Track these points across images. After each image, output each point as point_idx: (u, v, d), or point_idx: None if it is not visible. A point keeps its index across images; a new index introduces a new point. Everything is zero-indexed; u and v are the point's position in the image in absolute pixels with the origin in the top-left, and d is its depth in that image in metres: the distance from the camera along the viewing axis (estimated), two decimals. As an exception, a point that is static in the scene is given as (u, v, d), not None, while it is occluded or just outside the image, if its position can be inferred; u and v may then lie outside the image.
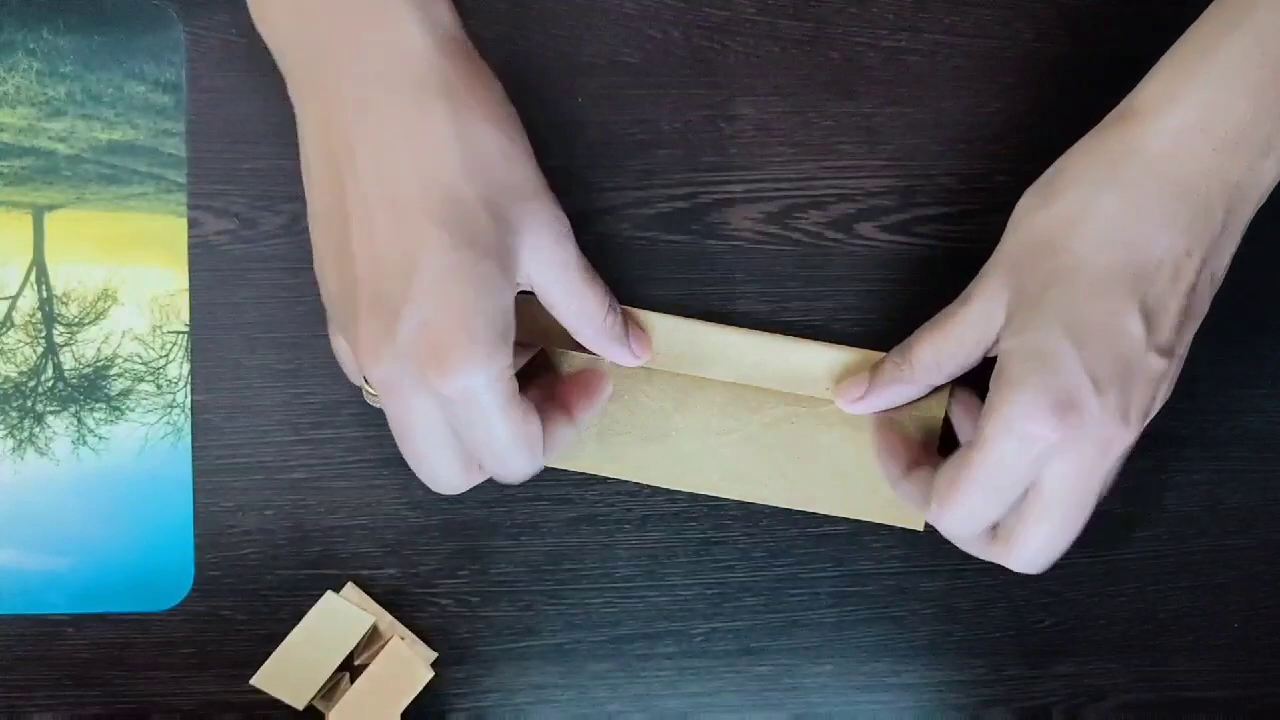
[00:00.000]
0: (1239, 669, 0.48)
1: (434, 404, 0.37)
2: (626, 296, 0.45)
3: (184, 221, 0.45)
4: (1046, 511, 0.39)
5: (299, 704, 0.44)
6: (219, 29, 0.45)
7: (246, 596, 0.45)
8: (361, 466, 0.46)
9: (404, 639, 0.45)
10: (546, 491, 0.46)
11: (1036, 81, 0.47)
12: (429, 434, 0.38)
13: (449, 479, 0.39)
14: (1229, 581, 0.48)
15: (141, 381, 0.45)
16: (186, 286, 0.45)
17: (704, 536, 0.46)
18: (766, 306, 0.46)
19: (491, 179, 0.37)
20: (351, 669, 0.45)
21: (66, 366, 0.45)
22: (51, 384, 0.45)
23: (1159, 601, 0.48)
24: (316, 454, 0.46)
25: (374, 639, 0.45)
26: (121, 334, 0.45)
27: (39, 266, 0.45)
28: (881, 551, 0.47)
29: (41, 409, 0.45)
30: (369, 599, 0.45)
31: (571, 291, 0.40)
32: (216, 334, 0.45)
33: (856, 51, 0.47)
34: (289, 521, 0.45)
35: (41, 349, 0.45)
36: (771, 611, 0.47)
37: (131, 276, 0.45)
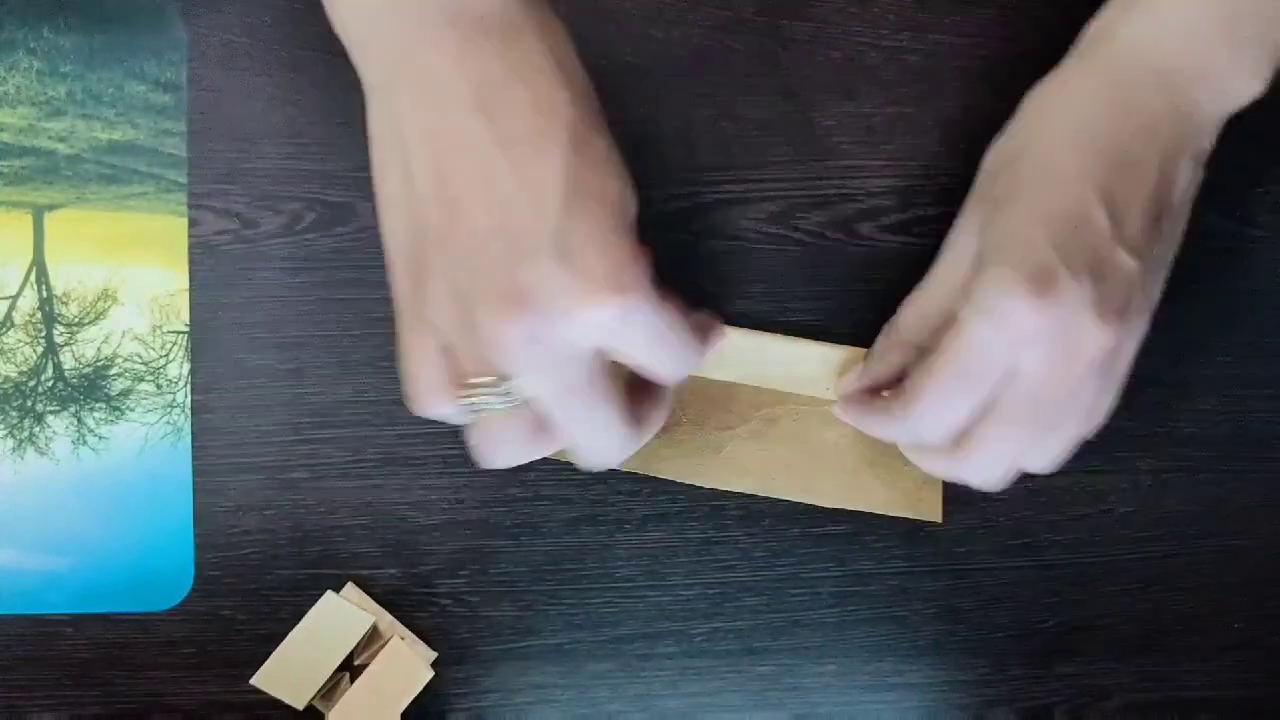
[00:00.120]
0: (1242, 669, 0.48)
1: (584, 349, 0.35)
2: (627, 296, 0.45)
3: (184, 221, 0.45)
4: (1013, 414, 0.38)
5: (299, 704, 0.44)
6: (220, 29, 0.45)
7: (246, 596, 0.45)
8: (361, 466, 0.46)
9: (404, 639, 0.45)
10: (546, 491, 0.46)
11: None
12: (586, 390, 0.36)
13: (611, 441, 0.38)
14: (1232, 582, 0.48)
15: (141, 381, 0.45)
16: (186, 286, 0.45)
17: (705, 536, 0.46)
18: (767, 306, 0.46)
19: (592, 104, 0.37)
20: (351, 669, 0.45)
21: (66, 366, 0.45)
22: (51, 384, 0.45)
23: (1162, 602, 0.47)
24: (316, 454, 0.45)
25: (374, 639, 0.45)
26: (121, 334, 0.45)
27: (39, 266, 0.45)
28: (883, 551, 0.47)
29: (41, 409, 0.45)
30: (369, 599, 0.45)
31: None
32: (216, 334, 0.45)
33: (858, 51, 0.47)
34: (289, 521, 0.45)
35: (41, 349, 0.45)
36: (773, 611, 0.46)
37: (131, 276, 0.45)
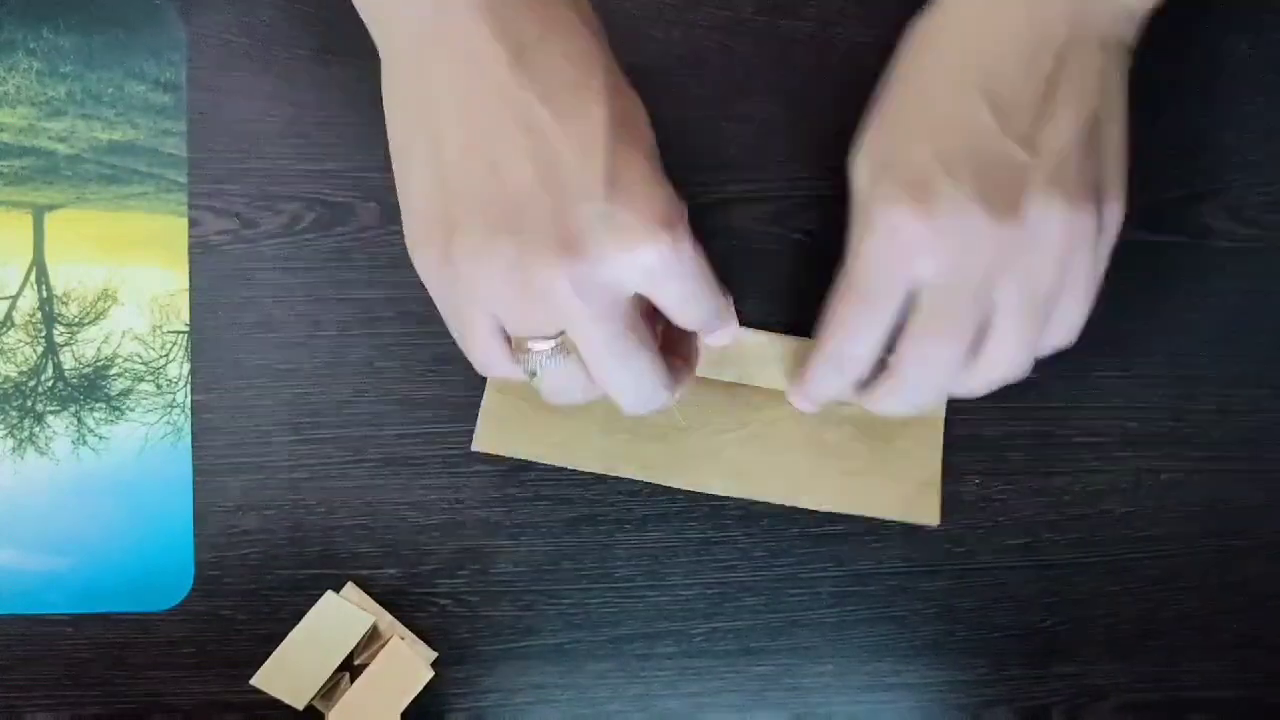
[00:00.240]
0: (1241, 669, 0.48)
1: (628, 295, 0.36)
2: (627, 296, 0.45)
3: (184, 221, 0.45)
4: (927, 326, 0.38)
5: (299, 704, 0.44)
6: (219, 29, 0.45)
7: (246, 596, 0.45)
8: (361, 466, 0.46)
9: (404, 639, 0.45)
10: (546, 491, 0.46)
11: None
12: (627, 337, 0.37)
13: (649, 385, 0.38)
14: (1231, 582, 0.48)
15: (141, 381, 0.45)
16: (186, 286, 0.45)
17: (704, 536, 0.46)
18: (767, 306, 0.46)
19: (614, 60, 0.37)
20: (351, 669, 0.45)
21: (66, 366, 0.45)
22: (51, 384, 0.45)
23: (1160, 602, 0.47)
24: (316, 454, 0.46)
25: (374, 639, 0.45)
26: (121, 334, 0.45)
27: (39, 266, 0.45)
28: (882, 551, 0.47)
29: (41, 409, 0.45)
30: (369, 599, 0.45)
31: None
32: (216, 334, 0.45)
33: (857, 51, 0.47)
34: (289, 521, 0.45)
35: (41, 349, 0.45)
36: (772, 611, 0.47)
37: (131, 276, 0.45)
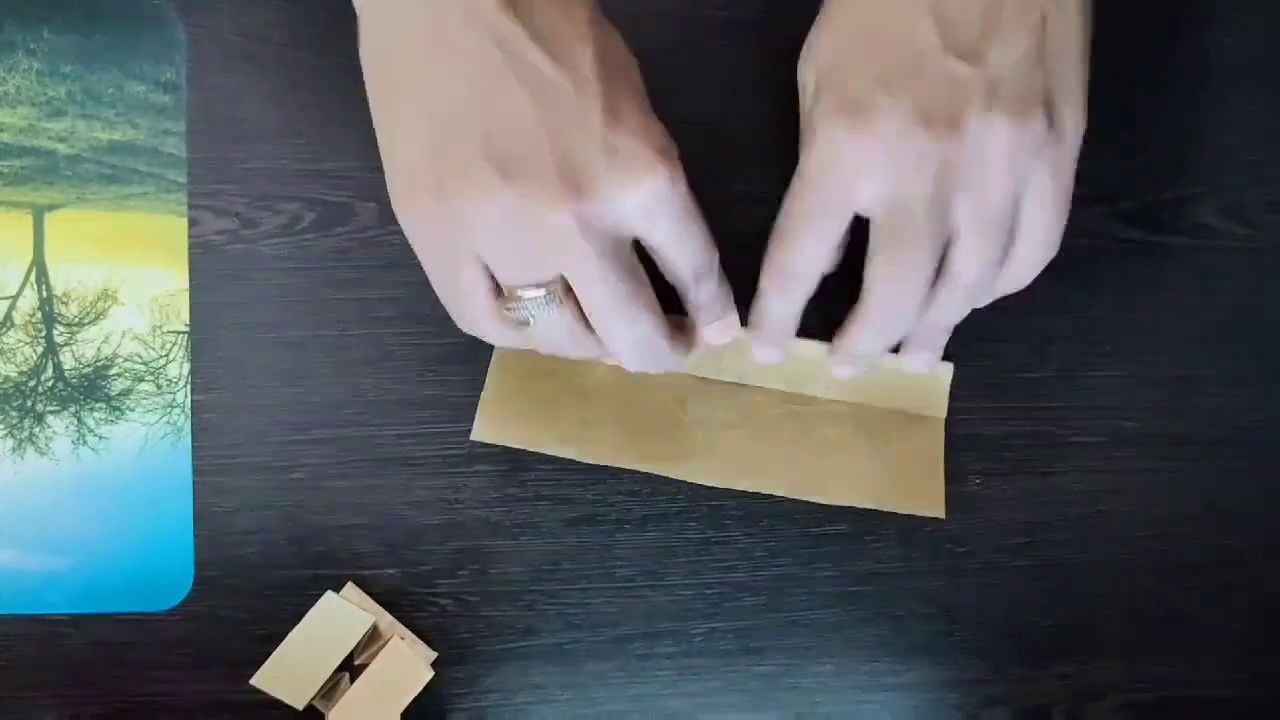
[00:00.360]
0: (1240, 669, 0.48)
1: (627, 236, 0.37)
2: (626, 296, 0.45)
3: (184, 221, 0.45)
4: (883, 241, 0.39)
5: (299, 704, 0.44)
6: (219, 29, 0.45)
7: (246, 596, 0.45)
8: (361, 466, 0.46)
9: (404, 639, 0.45)
10: (546, 491, 0.46)
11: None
12: (626, 279, 0.37)
13: (649, 333, 0.39)
14: (1229, 582, 0.48)
15: (141, 381, 0.45)
16: (186, 286, 0.45)
17: (704, 536, 0.46)
18: (766, 306, 0.46)
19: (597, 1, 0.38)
20: (351, 669, 0.45)
21: (66, 366, 0.45)
22: (51, 384, 0.45)
23: (1159, 601, 0.48)
24: (316, 454, 0.46)
25: (374, 639, 0.45)
26: (121, 334, 0.45)
27: (39, 266, 0.45)
28: (881, 551, 0.47)
29: (41, 409, 0.45)
30: (369, 599, 0.45)
31: None
32: (216, 334, 0.45)
33: (856, 51, 0.47)
34: (289, 521, 0.45)
35: (41, 349, 0.45)
36: (771, 611, 0.47)
37: (131, 276, 0.45)
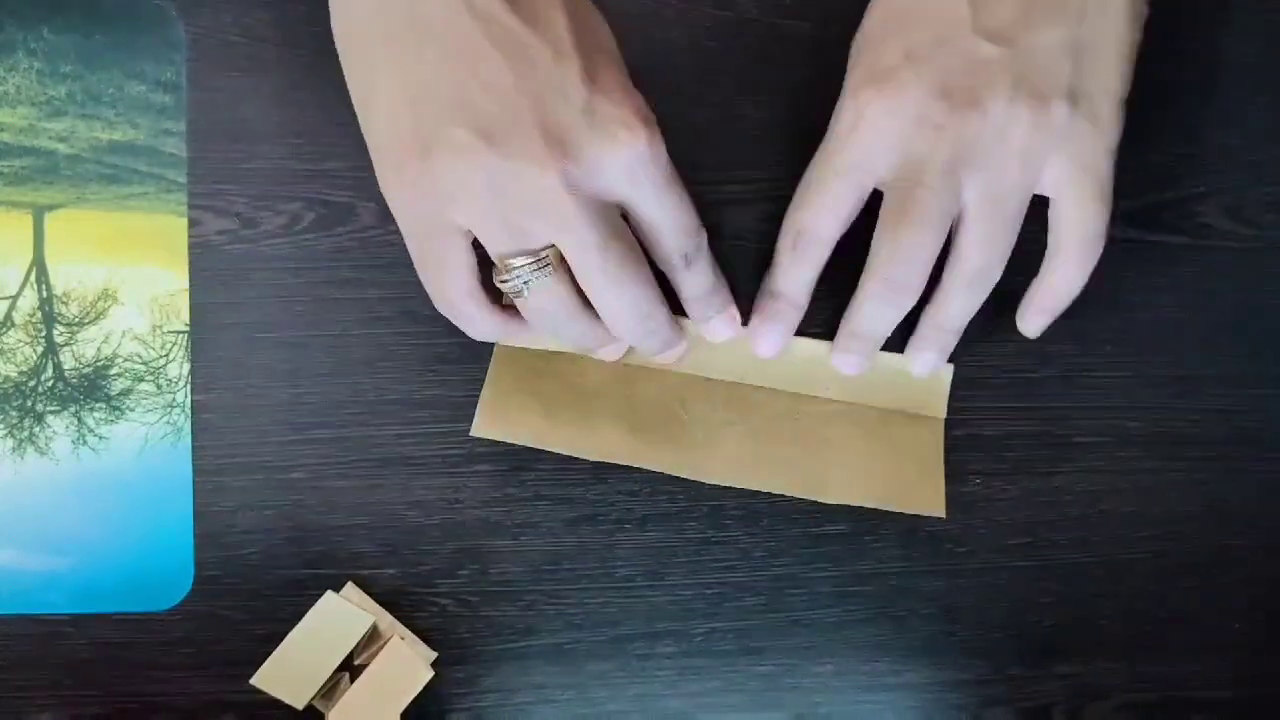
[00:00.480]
0: (1240, 669, 0.48)
1: (613, 200, 0.38)
2: (627, 296, 0.45)
3: (184, 221, 0.45)
4: (894, 208, 0.40)
5: (299, 704, 0.44)
6: (219, 29, 0.45)
7: (246, 596, 0.45)
8: (361, 466, 0.46)
9: (404, 639, 0.45)
10: (546, 491, 0.46)
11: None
12: (616, 243, 0.38)
13: (650, 302, 0.41)
14: (1230, 582, 0.48)
15: (141, 381, 0.45)
16: (186, 286, 0.45)
17: (704, 536, 0.46)
18: (767, 306, 0.46)
19: None
20: (351, 669, 0.45)
21: (66, 366, 0.45)
22: (51, 384, 0.45)
23: (1160, 602, 0.47)
24: (316, 454, 0.46)
25: (374, 639, 0.45)
26: (121, 334, 0.45)
27: (39, 266, 0.45)
28: (882, 551, 0.47)
29: (41, 409, 0.45)
30: (369, 599, 0.45)
31: None
32: (216, 334, 0.45)
33: (857, 51, 0.47)
34: (289, 521, 0.45)
35: (41, 349, 0.45)
36: (772, 611, 0.47)
37: (131, 276, 0.45)
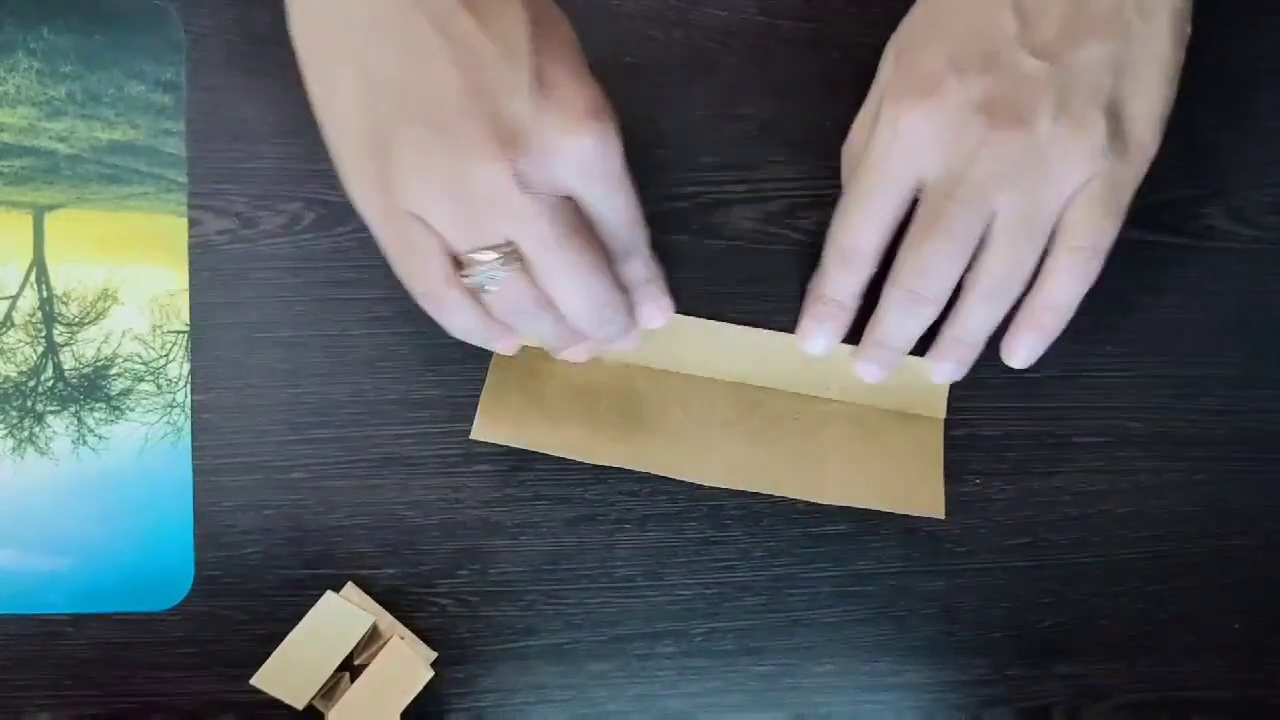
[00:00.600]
0: (1240, 669, 0.48)
1: (565, 194, 0.37)
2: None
3: (184, 221, 0.45)
4: (925, 219, 0.40)
5: (299, 704, 0.44)
6: (219, 29, 0.45)
7: (246, 596, 0.45)
8: (361, 466, 0.46)
9: (404, 639, 0.45)
10: (546, 491, 0.46)
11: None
12: (571, 238, 0.37)
13: (608, 294, 0.39)
14: (1231, 582, 0.48)
15: (141, 381, 0.45)
16: (186, 286, 0.45)
17: (704, 536, 0.46)
18: (766, 306, 0.46)
19: None
20: (351, 669, 0.45)
21: (66, 366, 0.45)
22: (51, 384, 0.45)
23: (1160, 602, 0.47)
24: (316, 454, 0.46)
25: (374, 639, 0.45)
26: (121, 334, 0.45)
27: (39, 266, 0.45)
28: (882, 551, 0.47)
29: (41, 409, 0.45)
30: (369, 599, 0.45)
31: None
32: (216, 334, 0.45)
33: (857, 51, 0.47)
34: (289, 521, 0.45)
35: (41, 349, 0.45)
36: (772, 611, 0.47)
37: (131, 276, 0.45)
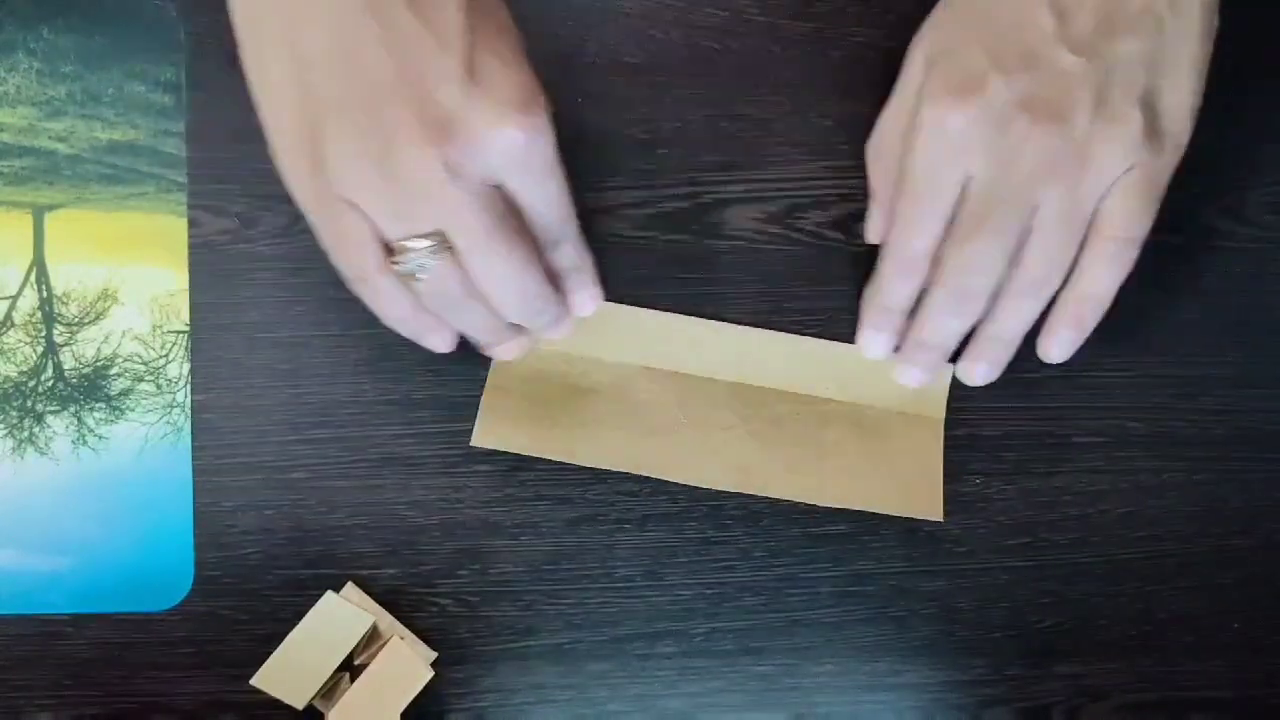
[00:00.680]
0: (1240, 669, 0.48)
1: (494, 184, 0.36)
2: (626, 296, 0.45)
3: (184, 221, 0.45)
4: (969, 218, 0.40)
5: (299, 704, 0.44)
6: (219, 29, 0.45)
7: (246, 596, 0.45)
8: (361, 466, 0.46)
9: (404, 639, 0.45)
10: (546, 491, 0.46)
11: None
12: (501, 228, 0.37)
13: (536, 284, 0.39)
14: (1230, 582, 0.48)
15: (141, 381, 0.45)
16: (186, 286, 0.45)
17: (704, 536, 0.46)
18: (766, 306, 0.46)
19: None
20: (351, 669, 0.45)
21: (66, 366, 0.45)
22: (51, 384, 0.45)
23: (1160, 602, 0.47)
24: (316, 454, 0.46)
25: (374, 639, 0.45)
26: (121, 334, 0.45)
27: (39, 266, 0.45)
28: (882, 551, 0.47)
29: (41, 409, 0.45)
30: (369, 599, 0.45)
31: None
32: (216, 334, 0.45)
33: (857, 51, 0.47)
34: (289, 521, 0.45)
35: (41, 349, 0.45)
36: (772, 611, 0.47)
37: (131, 276, 0.45)
